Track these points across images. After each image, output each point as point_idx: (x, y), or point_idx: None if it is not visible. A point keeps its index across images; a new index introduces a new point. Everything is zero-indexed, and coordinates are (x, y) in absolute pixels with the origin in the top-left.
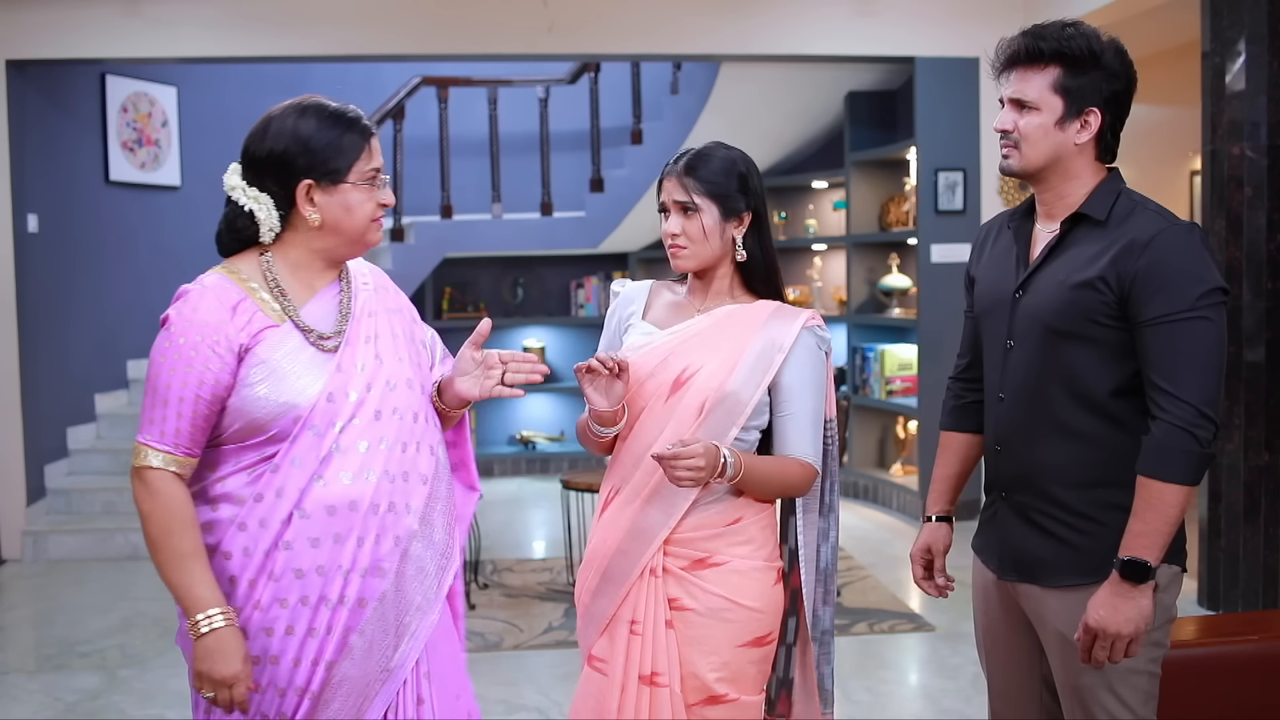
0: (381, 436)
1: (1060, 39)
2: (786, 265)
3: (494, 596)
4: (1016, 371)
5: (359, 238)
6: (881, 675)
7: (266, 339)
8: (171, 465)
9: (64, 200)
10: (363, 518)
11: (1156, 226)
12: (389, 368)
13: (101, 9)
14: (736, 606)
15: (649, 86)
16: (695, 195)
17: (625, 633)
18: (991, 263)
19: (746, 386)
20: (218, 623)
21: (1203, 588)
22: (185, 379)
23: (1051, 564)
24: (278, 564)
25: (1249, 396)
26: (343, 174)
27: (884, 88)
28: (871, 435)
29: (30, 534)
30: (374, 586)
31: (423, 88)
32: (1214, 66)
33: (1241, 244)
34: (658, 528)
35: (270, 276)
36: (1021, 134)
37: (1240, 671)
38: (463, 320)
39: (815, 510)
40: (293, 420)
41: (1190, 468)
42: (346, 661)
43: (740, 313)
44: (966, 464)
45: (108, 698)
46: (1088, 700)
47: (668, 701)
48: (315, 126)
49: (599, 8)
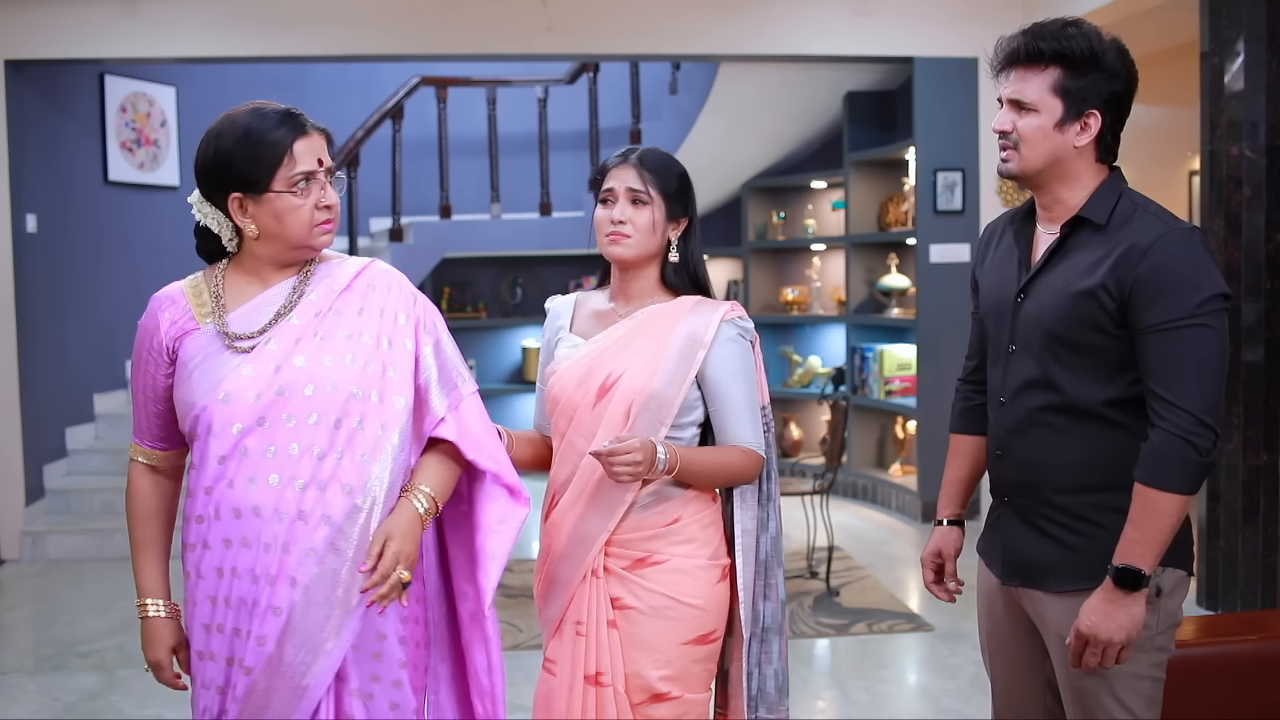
0: (293, 441)
1: (1061, 39)
2: (786, 265)
3: None
4: (1017, 377)
5: (300, 244)
6: (881, 675)
7: (186, 342)
8: (141, 457)
9: (63, 200)
10: (267, 524)
11: (1156, 231)
12: (313, 371)
13: (100, 9)
14: (678, 604)
15: (648, 87)
16: (650, 188)
17: (571, 634)
18: (994, 266)
19: (670, 385)
20: (153, 611)
21: (1202, 588)
22: (138, 380)
23: (1053, 569)
24: (205, 561)
25: (1248, 396)
26: (264, 183)
27: (883, 88)
28: (870, 435)
29: (29, 534)
30: (285, 596)
31: (421, 88)
32: (1213, 66)
33: (1240, 244)
34: (598, 531)
35: (214, 281)
36: (1020, 135)
37: (1240, 671)
38: (462, 320)
39: (754, 500)
40: (195, 419)
41: (1188, 477)
42: (266, 671)
43: (660, 312)
44: (977, 467)
45: (106, 698)
46: (1089, 704)
47: (611, 701)
48: (235, 138)
49: (598, 8)
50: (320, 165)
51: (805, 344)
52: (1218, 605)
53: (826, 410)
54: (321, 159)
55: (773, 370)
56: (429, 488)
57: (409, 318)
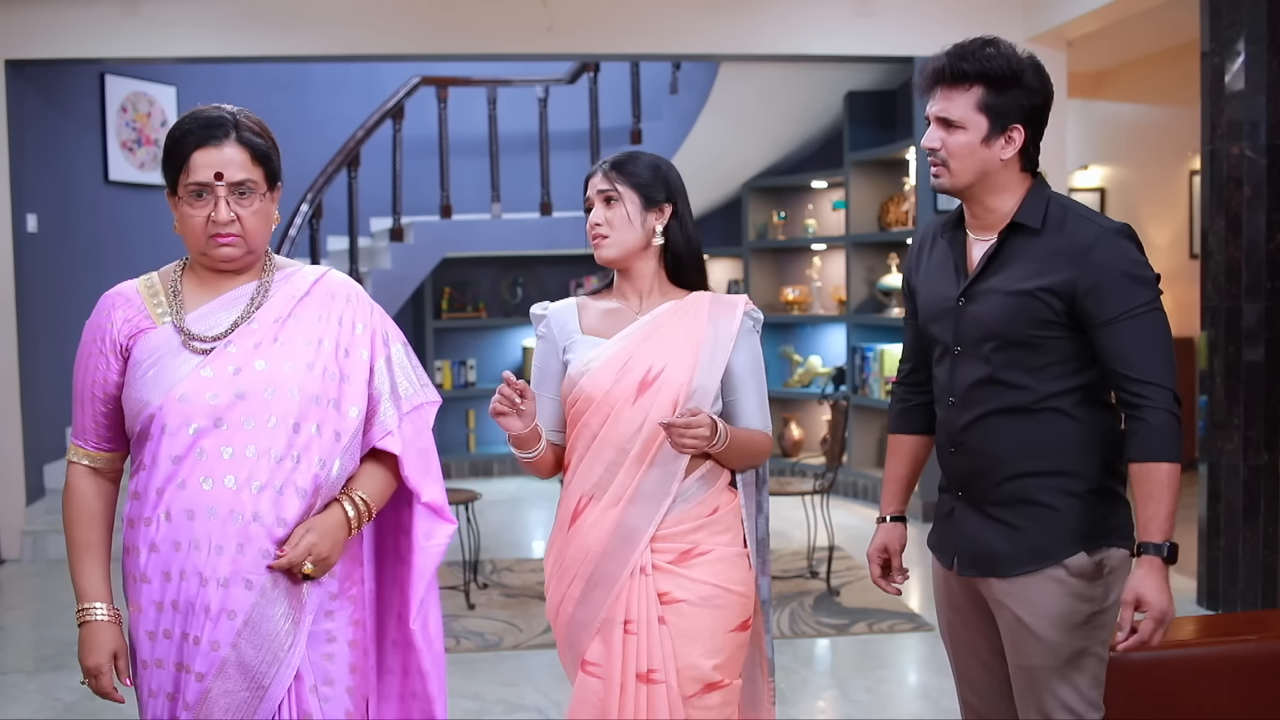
0: (250, 444)
1: (982, 59)
2: (786, 265)
3: (493, 596)
4: (966, 377)
5: (199, 251)
6: (880, 675)
7: (141, 340)
8: (84, 459)
9: (63, 200)
10: (221, 525)
11: (1094, 232)
12: (273, 375)
13: (100, 9)
14: (726, 592)
15: (648, 86)
16: (617, 184)
17: (619, 634)
18: (930, 273)
19: (710, 378)
20: (94, 616)
21: (1202, 587)
22: (84, 379)
23: (1008, 555)
24: (150, 565)
25: (1248, 396)
26: (172, 186)
27: (883, 87)
28: (871, 435)
29: (29, 534)
30: (240, 599)
31: (422, 87)
32: (1213, 66)
33: (1241, 244)
34: (644, 527)
35: (172, 281)
36: (949, 152)
37: (1239, 671)
38: (462, 320)
39: (752, 484)
40: (148, 418)
41: (1180, 445)
42: (221, 677)
43: (682, 308)
44: (916, 465)
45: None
46: (1038, 684)
47: (664, 698)
48: (169, 135)
49: (598, 7)
50: (219, 179)
51: (806, 344)
52: (1218, 605)
53: (827, 410)
54: (223, 173)
55: (773, 370)
56: (365, 494)
57: (366, 328)
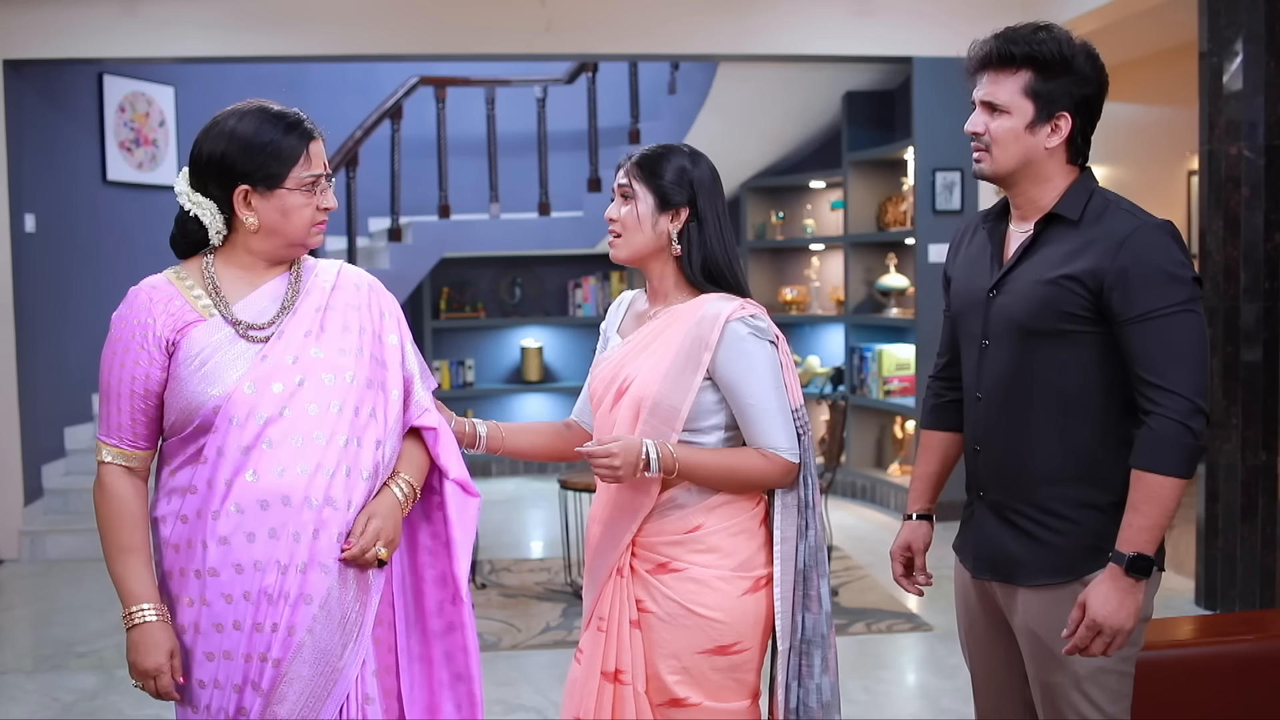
0: (316, 430)
1: (1032, 43)
2: (785, 265)
3: (492, 596)
4: (992, 371)
5: (299, 241)
6: (879, 675)
7: (192, 333)
8: (119, 459)
9: (61, 200)
10: (297, 512)
11: (1131, 225)
12: (330, 361)
13: (99, 9)
14: (690, 614)
15: (647, 86)
16: (635, 182)
17: (595, 628)
18: (967, 262)
19: (675, 391)
20: (147, 617)
21: (1200, 587)
22: (121, 375)
23: (1026, 563)
24: (218, 558)
25: (1246, 396)
26: (279, 179)
27: (882, 88)
28: (869, 435)
29: (28, 534)
30: (318, 583)
31: (420, 87)
32: (1211, 66)
33: (1239, 244)
34: (623, 532)
35: (208, 276)
36: (992, 137)
37: (1238, 671)
38: (461, 320)
39: (794, 507)
40: (212, 410)
41: (1186, 460)
42: (297, 660)
43: (677, 313)
44: (947, 462)
45: (105, 698)
46: (1058, 699)
47: (630, 700)
48: (253, 131)
49: (597, 8)
50: (324, 169)
51: (804, 344)
52: (1216, 605)
53: (825, 410)
54: (325, 163)
55: None
56: (409, 476)
57: (390, 314)
